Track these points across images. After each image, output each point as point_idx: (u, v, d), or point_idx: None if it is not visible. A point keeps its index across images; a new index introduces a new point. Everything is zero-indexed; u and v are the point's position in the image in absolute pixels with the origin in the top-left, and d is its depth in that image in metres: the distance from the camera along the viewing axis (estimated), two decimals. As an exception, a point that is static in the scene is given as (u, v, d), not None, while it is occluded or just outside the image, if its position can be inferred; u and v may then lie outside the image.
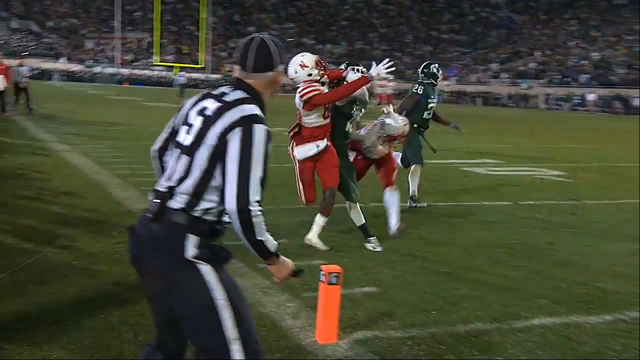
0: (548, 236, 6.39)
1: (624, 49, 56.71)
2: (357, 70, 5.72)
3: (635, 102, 45.72)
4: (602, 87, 50.46)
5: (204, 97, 2.31)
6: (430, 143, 7.88)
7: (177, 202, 2.17)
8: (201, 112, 2.23)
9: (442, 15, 79.27)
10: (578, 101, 49.42)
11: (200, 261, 2.15)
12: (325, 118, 5.44)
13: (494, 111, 39.41)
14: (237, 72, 2.33)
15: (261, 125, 2.16)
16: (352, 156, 5.98)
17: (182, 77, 42.00)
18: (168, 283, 2.17)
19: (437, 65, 7.97)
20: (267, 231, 2.18)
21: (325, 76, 5.45)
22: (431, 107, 7.66)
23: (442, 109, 8.78)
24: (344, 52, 72.24)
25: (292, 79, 5.40)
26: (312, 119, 5.38)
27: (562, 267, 5.28)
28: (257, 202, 2.13)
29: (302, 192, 5.57)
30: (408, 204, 7.40)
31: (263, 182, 2.15)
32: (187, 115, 2.30)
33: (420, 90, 7.57)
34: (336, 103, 5.50)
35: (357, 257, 5.28)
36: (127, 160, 10.10)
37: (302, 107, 5.33)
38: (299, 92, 5.29)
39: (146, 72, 63.32)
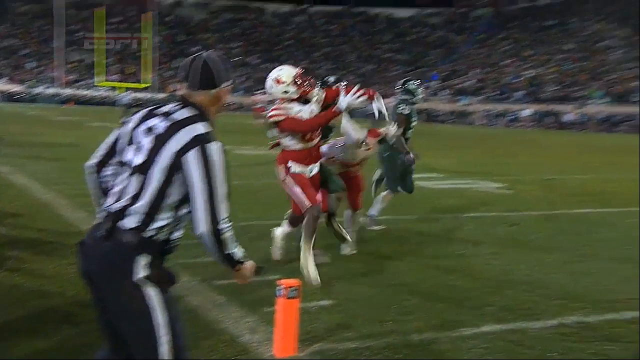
0: (492, 246, 6.57)
1: (555, 67, 58.87)
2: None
3: (566, 118, 47.46)
4: (535, 103, 52.18)
5: (149, 116, 2.30)
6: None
7: (130, 222, 2.18)
8: (149, 131, 2.24)
9: (383, 35, 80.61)
10: (513, 117, 50.92)
11: (147, 283, 2.17)
12: (307, 141, 4.92)
13: (435, 127, 40.18)
14: (182, 89, 2.35)
15: (214, 143, 2.20)
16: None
17: (126, 97, 41.31)
18: (114, 301, 2.19)
19: (417, 81, 7.42)
20: (235, 241, 2.24)
21: (315, 94, 4.96)
22: (413, 126, 7.17)
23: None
24: (289, 71, 72.52)
25: (268, 94, 5.04)
26: (287, 141, 4.94)
27: (507, 276, 5.45)
28: (225, 218, 2.19)
29: (302, 197, 4.94)
30: (369, 223, 7.11)
31: (228, 195, 2.20)
32: (132, 134, 2.29)
33: (406, 110, 7.03)
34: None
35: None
36: (74, 181, 9.84)
37: (275, 127, 4.92)
38: (268, 112, 4.92)
39: (89, 92, 62.03)
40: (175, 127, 2.21)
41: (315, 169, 5.06)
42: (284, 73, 4.89)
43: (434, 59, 73.13)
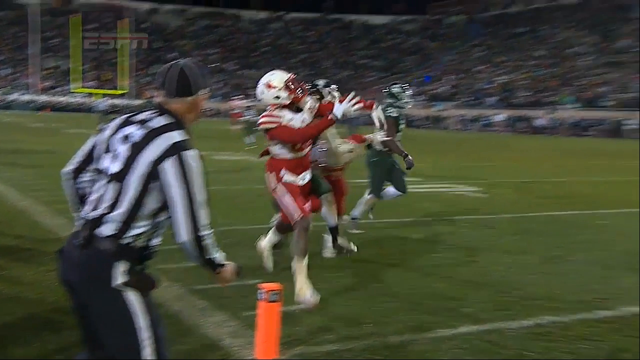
0: (469, 249, 6.63)
1: (526, 73, 59.66)
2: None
3: (538, 122, 48.11)
4: (508, 108, 52.80)
5: (125, 123, 2.29)
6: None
7: (107, 229, 2.17)
8: (126, 139, 2.23)
9: (359, 42, 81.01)
10: (487, 122, 51.47)
11: (127, 289, 2.16)
12: (298, 150, 4.62)
13: (411, 132, 40.40)
14: (159, 97, 2.35)
15: (191, 150, 2.20)
16: None
17: (102, 104, 40.84)
18: (94, 308, 2.18)
19: (403, 84, 7.21)
20: (216, 246, 2.25)
21: (307, 102, 4.72)
22: (401, 129, 7.07)
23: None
24: (266, 77, 72.48)
25: (259, 100, 4.73)
26: (277, 150, 4.65)
27: (483, 278, 5.50)
28: (206, 225, 2.19)
29: (294, 207, 4.61)
30: (350, 226, 7.04)
31: (207, 202, 2.20)
32: (109, 142, 2.27)
33: (394, 114, 6.89)
34: None
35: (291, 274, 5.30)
36: (51, 187, 9.72)
37: (265, 135, 4.64)
38: (260, 118, 4.62)
39: (65, 98, 61.31)
40: (152, 135, 2.20)
41: (307, 176, 4.80)
42: (276, 78, 4.60)
43: (409, 65, 73.64)
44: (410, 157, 6.88)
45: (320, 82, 5.57)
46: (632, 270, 5.91)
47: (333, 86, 5.27)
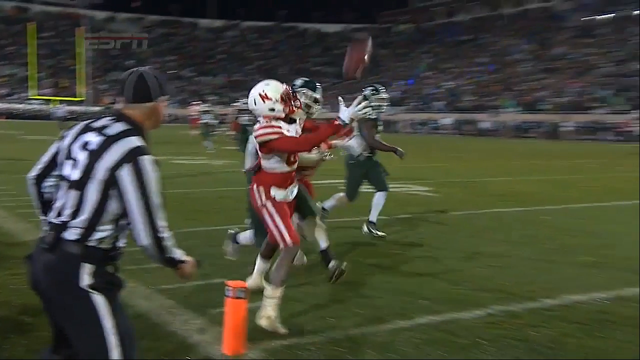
0: (423, 244, 6.74)
1: (471, 79, 60.87)
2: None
3: (482, 125, 49.13)
4: (454, 112, 53.77)
5: (85, 130, 2.27)
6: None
7: (72, 234, 2.16)
8: (84, 147, 2.20)
9: (313, 49, 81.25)
10: (435, 125, 52.28)
11: (93, 290, 2.15)
12: (290, 164, 4.21)
13: (363, 136, 40.83)
14: (119, 104, 2.33)
15: (146, 156, 2.18)
16: None
17: (60, 110, 39.86)
18: (62, 310, 2.17)
19: (375, 87, 6.93)
20: (175, 244, 2.27)
21: (299, 115, 4.35)
22: (380, 130, 6.92)
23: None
24: (223, 83, 71.97)
25: (251, 110, 4.29)
26: (272, 164, 4.16)
27: (438, 271, 5.59)
28: (163, 226, 2.21)
29: (284, 232, 4.12)
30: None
31: (163, 204, 2.22)
32: (69, 149, 2.25)
33: (373, 115, 6.65)
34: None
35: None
36: (12, 193, 9.47)
37: (259, 148, 4.15)
38: (255, 130, 4.13)
39: (22, 105, 59.58)
40: (108, 142, 2.18)
41: (295, 190, 4.39)
42: (271, 89, 4.16)
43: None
44: (400, 149, 6.94)
45: (298, 82, 4.92)
46: (573, 262, 6.11)
47: (318, 85, 4.78)
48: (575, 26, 62.31)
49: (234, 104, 18.17)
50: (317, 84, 4.87)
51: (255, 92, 4.18)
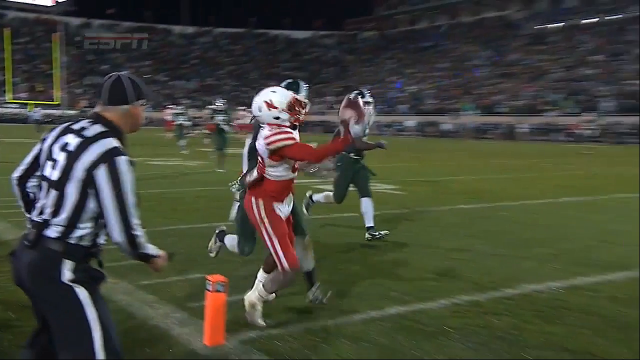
0: (392, 240, 6.78)
1: (432, 83, 61.46)
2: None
3: (444, 127, 49.66)
4: (417, 115, 54.23)
5: (65, 132, 2.27)
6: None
7: (53, 232, 2.16)
8: (64, 148, 2.20)
9: (283, 55, 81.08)
10: (399, 127, 52.63)
11: (75, 284, 2.15)
12: (294, 171, 3.92)
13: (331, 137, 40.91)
14: (98, 106, 2.33)
15: (122, 156, 2.19)
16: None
17: (36, 113, 39.06)
18: (46, 304, 2.16)
19: (361, 91, 6.44)
20: (147, 240, 2.28)
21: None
22: (367, 133, 6.63)
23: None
24: (196, 87, 71.33)
25: (255, 117, 3.93)
26: (279, 172, 3.83)
27: (406, 265, 5.66)
28: (137, 224, 2.22)
29: (282, 257, 3.78)
30: (306, 209, 7.07)
31: (137, 203, 2.22)
32: (50, 150, 2.25)
33: None
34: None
35: (236, 266, 5.25)
36: (-9, 194, 9.24)
37: (268, 156, 3.77)
38: (265, 137, 3.74)
39: (-1, 109, 58.17)
40: (86, 143, 2.19)
41: (291, 202, 4.05)
42: (277, 98, 3.84)
43: (329, 76, 74.35)
44: (382, 141, 6.82)
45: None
46: (531, 254, 6.24)
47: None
48: (529, 34, 63.43)
49: (209, 107, 18.01)
50: (304, 85, 4.60)
51: (260, 99, 3.86)
